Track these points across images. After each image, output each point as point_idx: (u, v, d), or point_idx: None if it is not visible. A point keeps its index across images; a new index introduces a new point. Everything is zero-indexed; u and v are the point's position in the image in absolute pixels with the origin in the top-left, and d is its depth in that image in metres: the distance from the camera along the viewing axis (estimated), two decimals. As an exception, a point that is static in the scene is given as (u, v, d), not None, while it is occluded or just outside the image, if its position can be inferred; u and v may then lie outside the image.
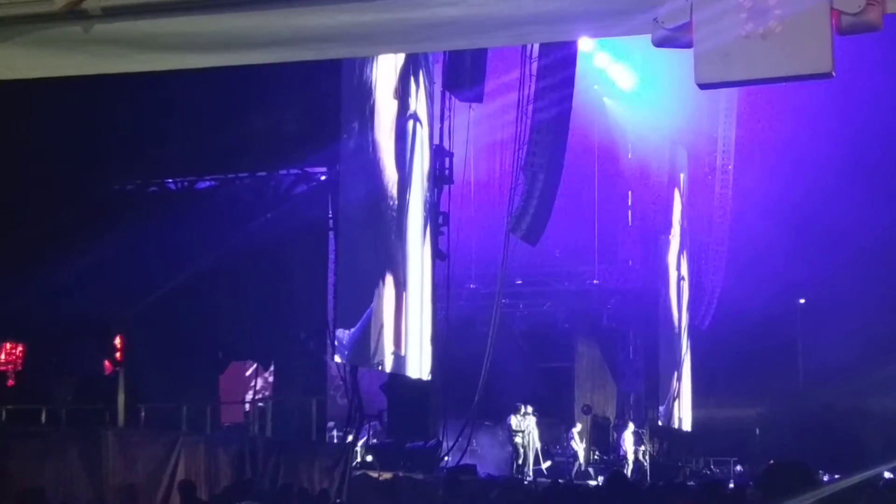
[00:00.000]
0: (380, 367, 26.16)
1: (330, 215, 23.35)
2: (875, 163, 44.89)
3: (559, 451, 32.91)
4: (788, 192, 45.55)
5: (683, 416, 46.29)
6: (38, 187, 22.11)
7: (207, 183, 24.50)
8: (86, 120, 21.81)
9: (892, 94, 42.86)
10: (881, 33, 4.79)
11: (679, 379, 45.86)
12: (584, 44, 33.31)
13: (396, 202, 25.74)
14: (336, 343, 22.97)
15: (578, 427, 34.83)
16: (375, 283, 24.56)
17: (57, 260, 21.04)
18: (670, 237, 45.89)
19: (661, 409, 43.90)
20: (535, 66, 30.00)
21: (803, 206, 45.86)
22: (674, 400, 45.12)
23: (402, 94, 26.13)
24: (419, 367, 26.49)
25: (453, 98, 28.18)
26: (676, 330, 46.14)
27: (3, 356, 23.95)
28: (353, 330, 23.44)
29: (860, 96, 40.32)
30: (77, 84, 6.62)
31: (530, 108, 30.07)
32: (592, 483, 28.15)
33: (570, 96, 31.13)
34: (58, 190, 22.45)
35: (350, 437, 24.24)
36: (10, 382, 23.93)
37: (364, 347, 23.98)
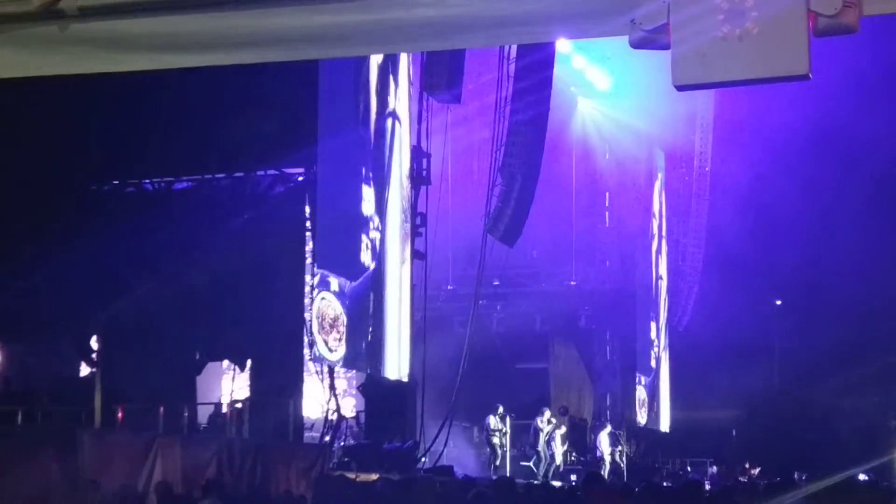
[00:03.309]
0: (359, 369, 26.17)
1: (307, 216, 23.34)
2: (853, 163, 45.07)
3: (533, 453, 32.90)
4: (765, 194, 45.75)
5: (660, 417, 46.37)
6: (15, 188, 22.01)
7: (185, 184, 24.45)
8: (62, 120, 21.73)
9: (870, 95, 43.01)
10: (859, 35, 4.81)
11: (656, 380, 45.93)
12: (562, 45, 33.37)
13: (375, 202, 25.72)
14: (314, 343, 22.96)
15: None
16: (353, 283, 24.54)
17: (33, 261, 20.96)
18: (648, 238, 45.98)
19: (638, 410, 43.96)
20: (512, 67, 30.05)
21: (780, 209, 46.04)
22: (651, 401, 45.20)
23: (381, 92, 26.11)
24: (397, 367, 26.47)
25: (431, 99, 28.17)
26: (654, 331, 46.22)
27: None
28: (330, 331, 23.42)
29: (838, 97, 40.46)
30: (53, 84, 6.61)
31: (508, 109, 30.13)
32: (559, 484, 28.14)
33: (548, 98, 31.19)
34: (34, 190, 22.36)
35: (327, 438, 24.22)
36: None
37: (343, 348, 23.97)
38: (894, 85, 43.17)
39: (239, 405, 22.78)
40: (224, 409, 23.61)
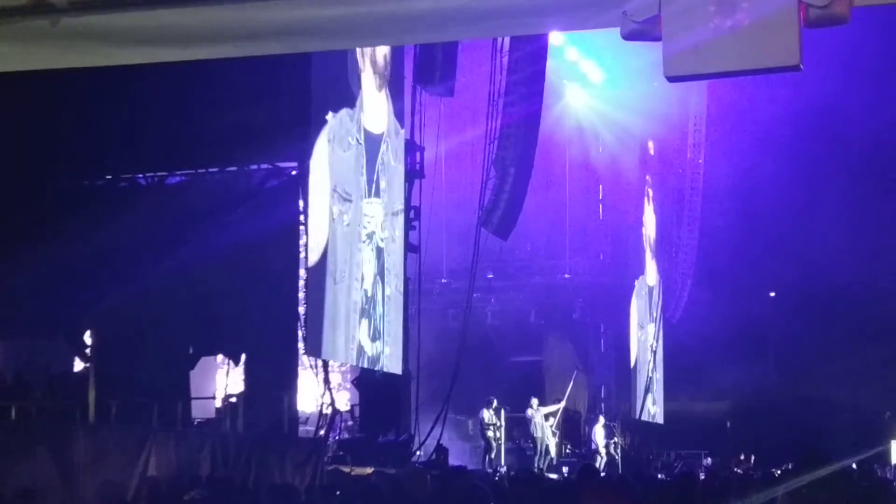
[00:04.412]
0: (351, 362, 26.14)
1: (301, 210, 23.32)
2: (848, 154, 45.10)
3: (530, 446, 32.99)
4: (759, 185, 45.75)
5: (655, 409, 46.41)
6: (6, 183, 21.99)
7: (178, 178, 24.42)
8: (54, 115, 21.71)
9: (865, 85, 43.04)
10: (855, 25, 4.82)
11: (651, 372, 45.94)
12: (555, 38, 33.35)
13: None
14: (307, 337, 22.96)
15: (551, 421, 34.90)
16: (347, 276, 24.51)
17: (26, 256, 20.93)
18: (641, 231, 45.98)
19: (633, 402, 43.99)
20: (505, 59, 30.03)
21: (774, 201, 46.05)
22: (645, 393, 45.22)
23: (375, 85, 26.10)
24: (391, 361, 26.47)
25: (424, 92, 28.15)
26: (648, 323, 46.23)
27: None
28: (324, 324, 23.42)
29: (832, 87, 40.47)
30: (44, 78, 6.59)
31: (501, 102, 30.10)
32: (556, 476, 28.19)
33: (541, 90, 31.18)
34: (27, 186, 22.34)
35: (322, 432, 24.21)
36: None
37: (336, 342, 23.96)
38: (889, 76, 43.18)
39: (233, 399, 22.77)
40: (218, 404, 23.61)
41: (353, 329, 24.34)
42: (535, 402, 32.50)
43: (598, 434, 36.35)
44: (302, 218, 23.27)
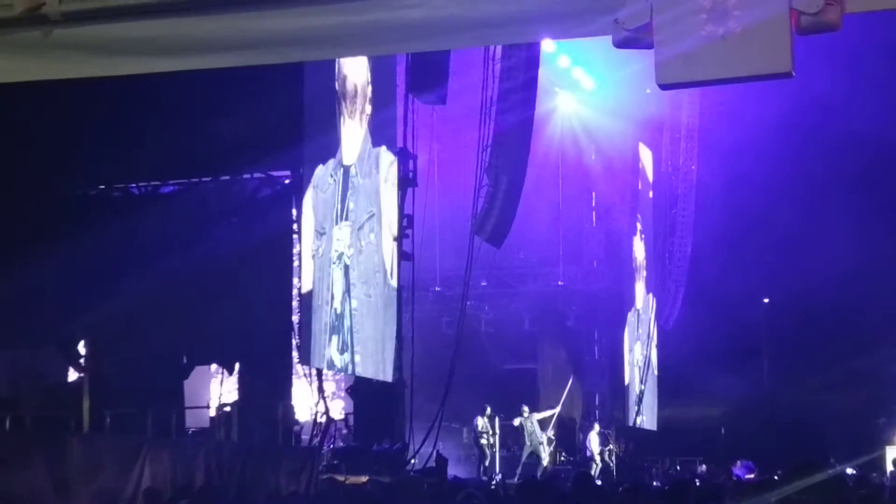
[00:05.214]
0: (346, 371, 26.13)
1: (294, 219, 23.33)
2: (841, 164, 45.09)
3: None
4: (751, 191, 45.73)
5: (649, 416, 46.39)
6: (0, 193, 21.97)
7: (171, 188, 24.41)
8: (47, 124, 21.66)
9: (860, 89, 43.04)
10: (846, 33, 4.84)
11: (645, 379, 45.93)
12: (547, 45, 33.36)
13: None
14: (301, 346, 22.95)
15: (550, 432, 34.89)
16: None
17: (19, 265, 20.90)
18: (634, 237, 45.99)
19: (627, 409, 43.97)
20: (498, 67, 30.04)
21: (768, 206, 46.05)
22: (639, 400, 45.21)
23: (366, 94, 26.11)
24: (385, 369, 26.45)
25: (416, 100, 28.15)
26: (642, 331, 46.22)
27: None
28: (318, 332, 23.41)
29: (825, 96, 40.49)
30: (38, 88, 6.60)
31: (493, 109, 30.11)
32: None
33: (534, 98, 31.19)
34: (20, 195, 22.30)
35: (316, 441, 24.20)
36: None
37: (330, 350, 23.95)
38: (884, 83, 43.18)
39: (227, 408, 22.75)
40: (212, 413, 23.58)
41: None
42: (525, 409, 32.51)
43: (593, 441, 36.34)
44: (295, 227, 23.28)
